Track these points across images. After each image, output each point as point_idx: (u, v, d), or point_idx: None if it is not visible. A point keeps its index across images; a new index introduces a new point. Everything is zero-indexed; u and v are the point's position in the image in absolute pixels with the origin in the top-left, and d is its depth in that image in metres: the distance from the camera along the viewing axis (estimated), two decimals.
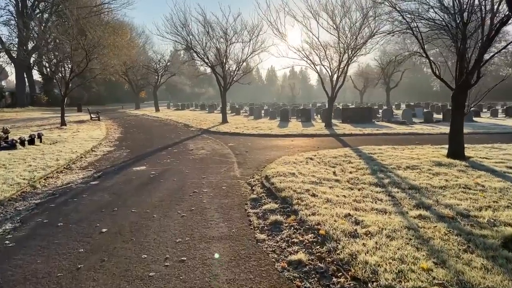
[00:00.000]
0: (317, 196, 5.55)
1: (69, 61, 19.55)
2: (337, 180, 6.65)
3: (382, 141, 12.49)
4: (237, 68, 21.69)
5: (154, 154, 10.31)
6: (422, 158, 8.66)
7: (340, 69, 16.44)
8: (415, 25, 8.77)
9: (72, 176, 7.58)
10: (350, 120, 21.75)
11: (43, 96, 45.07)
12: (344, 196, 5.59)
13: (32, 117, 26.69)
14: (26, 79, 44.30)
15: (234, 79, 21.78)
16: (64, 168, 8.35)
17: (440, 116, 24.24)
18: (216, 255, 3.63)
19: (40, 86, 49.39)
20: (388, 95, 39.73)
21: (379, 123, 21.00)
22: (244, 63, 21.94)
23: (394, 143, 11.74)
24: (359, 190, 6.00)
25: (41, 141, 12.17)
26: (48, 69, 44.87)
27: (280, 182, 6.33)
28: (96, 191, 6.23)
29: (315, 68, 17.15)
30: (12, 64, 40.68)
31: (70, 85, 18.89)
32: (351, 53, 15.66)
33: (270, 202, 5.45)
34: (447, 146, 10.84)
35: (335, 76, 16.99)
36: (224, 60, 20.90)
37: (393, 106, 39.95)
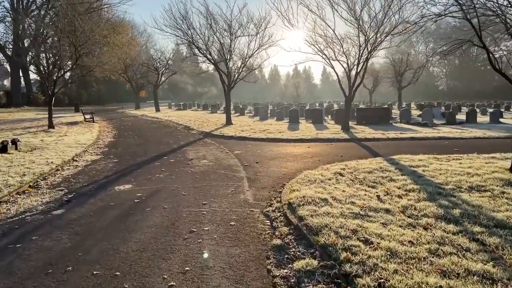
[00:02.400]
0: (371, 243, 3.75)
1: (57, 57, 17.77)
2: (387, 211, 4.85)
3: (414, 148, 10.66)
4: (242, 65, 19.85)
5: (146, 166, 8.53)
6: (481, 173, 6.81)
7: (360, 64, 14.57)
8: (474, 3, 6.93)
9: (35, 199, 5.81)
10: (365, 122, 19.92)
11: (40, 95, 43.44)
12: (412, 242, 3.79)
13: (24, 118, 25.03)
14: (22, 78, 42.74)
15: (239, 76, 19.94)
16: (30, 186, 6.60)
17: (463, 117, 22.29)
18: None
19: (37, 86, 47.83)
20: (400, 94, 37.73)
21: (398, 125, 19.13)
22: (250, 60, 20.09)
23: (429, 150, 9.90)
24: (425, 229, 4.20)
25: (16, 148, 10.44)
26: (40, 67, 43.29)
27: (312, 216, 4.54)
28: (54, 229, 4.46)
29: (331, 64, 15.27)
30: (8, 62, 39.08)
31: (69, 84, 17.14)
32: (373, 46, 13.79)
33: (304, 256, 3.63)
34: (497, 155, 9.05)
35: (353, 72, 15.14)
36: (228, 56, 19.08)
37: (404, 106, 38.03)
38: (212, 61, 19.67)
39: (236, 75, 19.84)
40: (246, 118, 26.27)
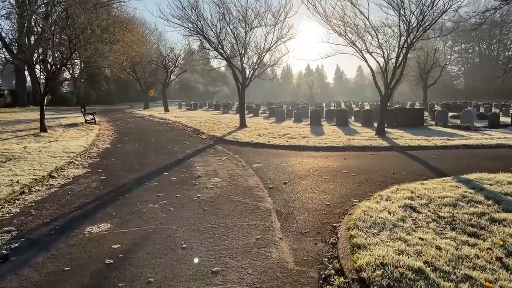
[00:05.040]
0: None
1: (50, 51, 15.97)
2: None
3: (477, 160, 8.39)
4: (258, 60, 17.67)
5: (138, 188, 6.48)
6: None
7: (400, 56, 12.28)
8: None
9: None
10: (396, 124, 17.55)
11: (47, 95, 42.16)
12: None
13: (24, 118, 23.42)
14: (29, 77, 41.52)
15: (255, 73, 17.78)
16: None
17: (507, 120, 19.68)
18: None
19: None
20: (426, 93, 34.94)
21: (436, 128, 16.76)
22: (267, 54, 17.91)
23: (501, 164, 7.59)
24: None
25: None
26: (31, 64, 41.98)
27: None
28: None
29: (364, 58, 13.01)
30: (12, 61, 37.78)
31: (78, 83, 15.28)
32: (419, 28, 11.47)
33: None
34: None
35: (391, 66, 12.87)
36: (243, 51, 16.97)
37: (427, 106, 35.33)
38: (225, 56, 17.59)
39: (251, 71, 17.71)
40: (261, 119, 24.15)
